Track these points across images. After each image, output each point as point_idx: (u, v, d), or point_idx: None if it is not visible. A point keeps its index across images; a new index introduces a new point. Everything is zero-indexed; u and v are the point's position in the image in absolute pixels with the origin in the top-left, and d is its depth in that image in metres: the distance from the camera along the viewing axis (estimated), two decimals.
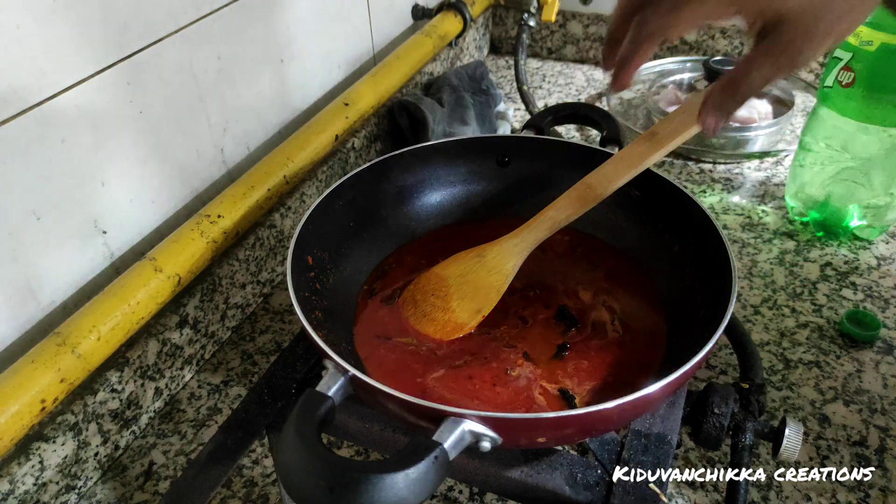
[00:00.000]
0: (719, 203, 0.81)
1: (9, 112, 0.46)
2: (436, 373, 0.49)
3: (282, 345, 0.66)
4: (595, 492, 0.42)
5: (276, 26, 0.70)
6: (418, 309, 0.53)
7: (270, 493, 0.52)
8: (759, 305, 0.67)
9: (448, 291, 0.53)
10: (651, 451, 0.43)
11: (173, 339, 0.59)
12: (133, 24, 0.54)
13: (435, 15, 0.97)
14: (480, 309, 0.52)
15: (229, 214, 0.62)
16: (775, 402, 0.57)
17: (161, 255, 0.56)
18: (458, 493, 0.52)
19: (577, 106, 0.76)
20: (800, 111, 0.95)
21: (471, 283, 0.53)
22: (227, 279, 0.65)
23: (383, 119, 0.86)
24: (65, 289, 0.54)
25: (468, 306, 0.52)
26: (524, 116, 0.98)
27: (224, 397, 0.61)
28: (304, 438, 0.35)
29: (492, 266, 0.53)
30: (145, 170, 0.59)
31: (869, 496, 0.50)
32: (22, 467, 0.48)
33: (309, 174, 0.74)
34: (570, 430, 0.40)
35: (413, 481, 0.33)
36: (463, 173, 0.63)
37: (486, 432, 0.37)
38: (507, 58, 1.17)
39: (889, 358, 0.61)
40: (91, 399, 0.52)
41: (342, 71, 0.84)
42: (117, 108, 0.55)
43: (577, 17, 1.12)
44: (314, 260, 0.52)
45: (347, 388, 0.40)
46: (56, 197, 0.51)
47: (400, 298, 0.55)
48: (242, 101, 0.68)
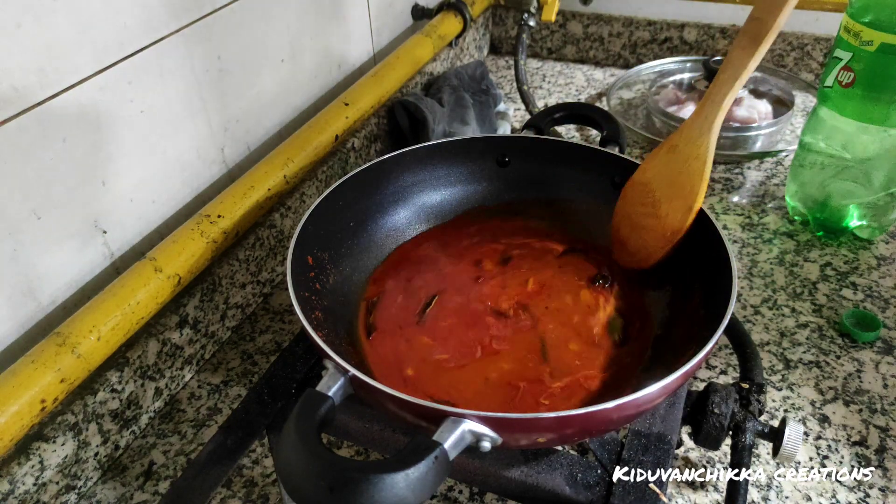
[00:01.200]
0: (719, 203, 0.81)
1: (9, 112, 0.46)
2: (437, 372, 0.49)
3: (282, 345, 0.66)
4: (595, 492, 0.42)
5: (276, 26, 0.70)
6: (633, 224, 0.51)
7: (270, 493, 0.52)
8: (759, 305, 0.67)
9: (654, 197, 0.51)
10: (651, 451, 0.43)
11: (173, 339, 0.59)
12: (133, 24, 0.54)
13: (435, 15, 0.97)
14: (691, 205, 0.49)
15: (229, 214, 0.62)
16: (775, 402, 0.57)
17: (161, 255, 0.56)
18: (458, 493, 0.52)
19: (577, 106, 0.76)
20: (800, 111, 0.95)
21: (673, 181, 0.50)
22: (227, 279, 0.65)
23: (383, 119, 0.86)
24: (65, 289, 0.54)
25: (678, 206, 0.49)
26: (524, 116, 0.98)
27: (224, 397, 0.61)
28: (304, 438, 0.35)
29: (687, 154, 0.50)
30: (145, 170, 0.59)
31: (869, 496, 0.50)
32: (22, 467, 0.48)
33: (309, 174, 0.74)
34: (570, 430, 0.40)
35: (413, 481, 0.34)
36: (463, 173, 0.63)
37: (486, 432, 0.37)
38: (507, 58, 1.17)
39: (889, 358, 0.61)
40: (91, 399, 0.52)
41: (342, 71, 0.84)
42: (117, 107, 0.55)
43: (577, 17, 1.12)
44: (314, 260, 0.52)
45: (347, 388, 0.40)
46: (56, 197, 0.51)
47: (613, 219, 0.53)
48: (242, 101, 0.68)
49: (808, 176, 0.72)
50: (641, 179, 0.52)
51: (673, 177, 0.50)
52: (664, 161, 0.51)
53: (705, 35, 1.05)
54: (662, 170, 0.51)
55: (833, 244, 0.73)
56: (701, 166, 0.49)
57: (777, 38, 1.00)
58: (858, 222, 0.72)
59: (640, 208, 0.51)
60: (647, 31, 1.08)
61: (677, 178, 0.50)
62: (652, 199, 0.51)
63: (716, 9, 1.04)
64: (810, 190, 0.72)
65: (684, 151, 0.50)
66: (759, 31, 0.45)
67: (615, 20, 1.09)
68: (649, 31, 1.08)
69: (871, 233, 0.73)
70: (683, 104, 0.92)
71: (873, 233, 0.73)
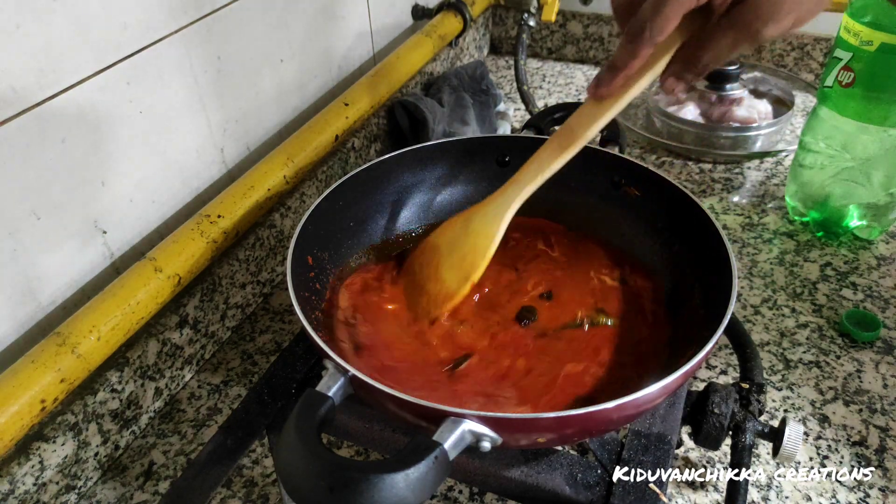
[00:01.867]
0: (719, 203, 0.81)
1: (9, 112, 0.46)
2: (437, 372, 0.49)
3: (282, 345, 0.66)
4: (595, 492, 0.42)
5: (276, 26, 0.70)
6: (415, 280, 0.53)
7: (270, 493, 0.52)
8: (759, 305, 0.67)
9: (439, 261, 0.53)
10: (651, 451, 0.43)
11: (173, 339, 0.59)
12: (133, 24, 0.54)
13: (435, 15, 0.97)
14: (468, 276, 0.51)
15: (229, 214, 0.62)
16: (775, 402, 0.57)
17: (161, 255, 0.56)
18: (458, 493, 0.52)
19: (577, 106, 0.76)
20: (800, 111, 0.95)
21: (459, 251, 0.52)
22: (227, 279, 0.65)
23: (383, 119, 0.86)
24: (65, 289, 0.54)
25: (457, 275, 0.52)
26: (524, 116, 0.98)
27: (224, 397, 0.61)
28: (304, 438, 0.35)
29: (478, 230, 0.52)
30: (145, 170, 0.59)
31: (869, 496, 0.50)
32: (22, 467, 0.48)
33: (309, 174, 0.74)
34: (570, 430, 0.40)
35: (413, 481, 0.34)
36: (463, 173, 0.63)
37: (486, 432, 0.37)
38: (507, 58, 1.17)
39: (889, 358, 0.61)
40: (91, 399, 0.52)
41: (342, 71, 0.84)
42: (117, 108, 0.55)
43: (577, 17, 1.12)
44: (314, 260, 0.52)
45: (347, 388, 0.40)
46: (56, 197, 0.51)
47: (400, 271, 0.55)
48: (242, 101, 0.68)
49: (808, 176, 0.72)
50: (433, 242, 0.54)
51: (460, 246, 0.52)
52: (457, 232, 0.53)
53: None
54: (453, 238, 0.53)
55: (833, 244, 0.73)
56: (487, 245, 0.51)
57: (776, 38, 1.00)
58: (858, 222, 0.72)
59: (425, 270, 0.54)
60: None
61: (463, 248, 0.52)
62: (437, 263, 0.53)
63: None
64: (810, 190, 0.72)
65: (476, 228, 0.52)
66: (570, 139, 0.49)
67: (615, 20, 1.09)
68: None
69: (870, 233, 0.73)
70: (683, 104, 0.92)
71: (873, 233, 0.73)
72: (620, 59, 0.43)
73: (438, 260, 0.53)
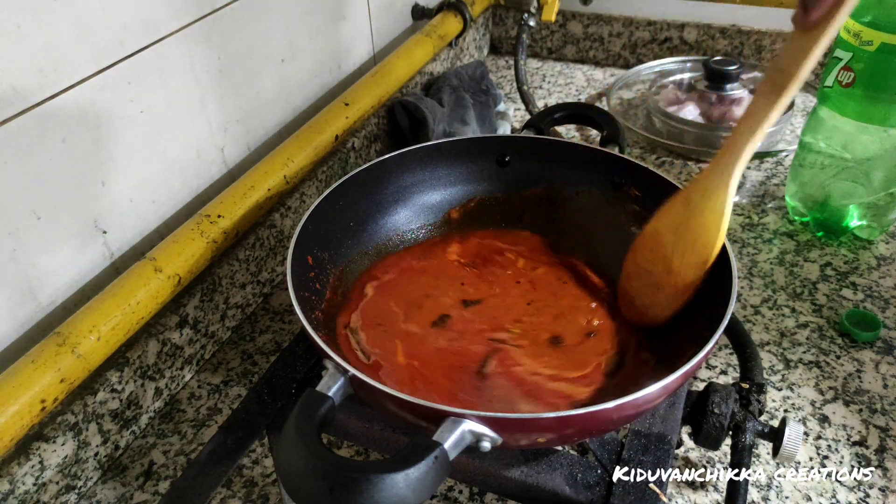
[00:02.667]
0: None
1: (9, 112, 0.46)
2: (437, 372, 0.49)
3: (282, 345, 0.66)
4: (595, 492, 0.42)
5: (276, 26, 0.70)
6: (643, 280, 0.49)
7: (270, 493, 0.52)
8: (759, 305, 0.67)
9: (666, 251, 0.49)
10: (651, 451, 0.43)
11: (173, 339, 0.59)
12: (133, 24, 0.54)
13: (435, 15, 0.97)
14: (706, 260, 0.47)
15: (229, 214, 0.62)
16: (775, 402, 0.57)
17: (161, 255, 0.56)
18: (458, 493, 0.52)
19: (576, 106, 0.76)
20: (800, 111, 0.95)
21: (687, 235, 0.48)
22: (227, 279, 0.65)
23: (383, 119, 0.86)
24: (65, 289, 0.54)
25: (691, 261, 0.48)
26: (524, 116, 0.98)
27: (224, 397, 0.61)
28: (304, 438, 0.35)
29: (702, 207, 0.47)
30: (145, 170, 0.59)
31: (869, 496, 0.50)
32: (22, 467, 0.48)
33: (309, 174, 0.74)
34: (570, 430, 0.40)
35: (413, 481, 0.34)
36: (463, 173, 0.63)
37: (486, 432, 0.37)
38: (507, 58, 1.17)
39: (889, 358, 0.61)
40: (91, 399, 0.52)
41: (342, 71, 0.84)
42: (117, 107, 0.55)
43: (577, 17, 1.12)
44: (314, 260, 0.52)
45: (347, 388, 0.40)
46: (56, 197, 0.51)
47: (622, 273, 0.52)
48: (242, 101, 0.68)
49: (808, 176, 0.72)
50: (654, 232, 0.50)
51: (687, 231, 0.48)
52: (678, 214, 0.49)
53: (705, 35, 1.05)
54: (676, 223, 0.49)
55: (833, 244, 0.73)
56: (718, 220, 0.46)
57: (777, 38, 1.00)
58: (858, 222, 0.72)
59: (650, 265, 0.49)
60: (647, 31, 1.08)
61: (692, 232, 0.48)
62: (664, 254, 0.49)
63: (716, 9, 1.04)
64: (810, 190, 0.72)
65: (699, 205, 0.47)
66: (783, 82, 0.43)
67: (615, 20, 1.09)
68: (649, 31, 1.08)
69: (870, 233, 0.73)
70: (683, 104, 0.92)
71: (873, 233, 0.73)
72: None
73: (665, 250, 0.49)
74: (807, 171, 0.72)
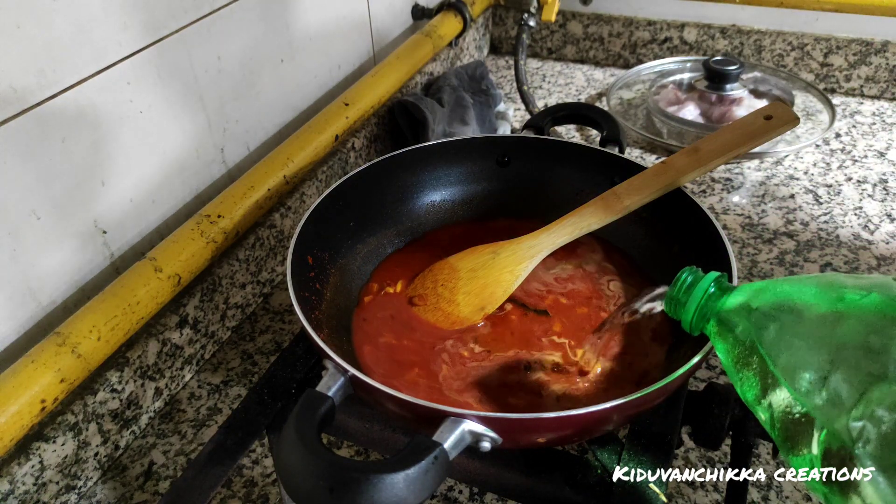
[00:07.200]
0: (719, 203, 0.81)
1: (8, 112, 0.46)
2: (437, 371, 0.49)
3: (282, 345, 0.66)
4: (595, 492, 0.42)
5: (276, 26, 0.70)
6: (426, 297, 0.53)
7: (270, 493, 0.52)
8: None
9: (457, 284, 0.53)
10: (651, 451, 0.43)
11: (173, 339, 0.59)
12: (133, 24, 0.54)
13: (435, 15, 0.97)
14: (484, 307, 0.52)
15: (229, 214, 0.62)
16: None
17: (161, 255, 0.56)
18: (458, 493, 0.52)
19: (577, 106, 0.76)
20: (800, 111, 0.95)
21: (480, 279, 0.53)
22: (227, 279, 0.65)
23: (383, 119, 0.86)
24: (65, 289, 0.54)
25: (473, 302, 0.52)
26: (524, 116, 0.98)
27: (224, 397, 0.61)
28: (304, 438, 0.35)
29: (504, 265, 0.53)
30: (145, 170, 0.59)
31: None
32: (22, 467, 0.48)
33: (309, 174, 0.74)
34: (570, 430, 0.40)
35: (413, 481, 0.34)
36: (463, 173, 0.63)
37: (485, 432, 0.37)
38: (507, 58, 1.17)
39: None
40: (91, 399, 0.52)
41: (342, 71, 0.84)
42: (117, 107, 0.55)
43: (577, 17, 1.12)
44: (314, 260, 0.52)
45: (347, 388, 0.40)
46: (56, 197, 0.51)
47: (411, 284, 0.55)
48: (242, 101, 0.68)
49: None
50: (454, 264, 0.55)
51: (482, 275, 0.53)
52: (482, 260, 0.54)
53: (705, 35, 1.05)
54: (477, 266, 0.54)
55: (833, 244, 0.73)
56: (511, 280, 0.52)
57: (777, 38, 1.00)
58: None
59: (440, 289, 0.54)
60: (647, 31, 1.08)
61: (485, 277, 0.53)
62: (454, 286, 0.53)
63: (716, 9, 1.04)
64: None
65: (503, 262, 0.53)
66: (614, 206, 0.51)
67: (615, 20, 1.09)
68: (649, 31, 1.08)
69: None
70: (683, 104, 0.92)
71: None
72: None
73: (456, 283, 0.53)
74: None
